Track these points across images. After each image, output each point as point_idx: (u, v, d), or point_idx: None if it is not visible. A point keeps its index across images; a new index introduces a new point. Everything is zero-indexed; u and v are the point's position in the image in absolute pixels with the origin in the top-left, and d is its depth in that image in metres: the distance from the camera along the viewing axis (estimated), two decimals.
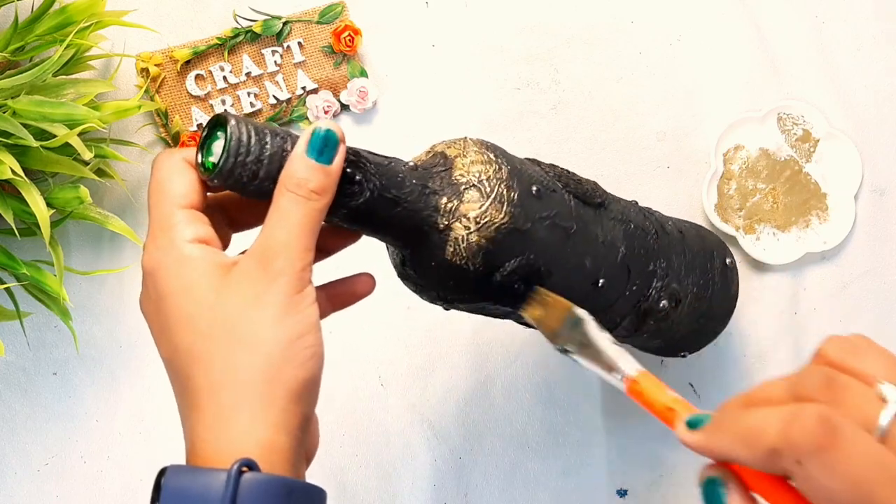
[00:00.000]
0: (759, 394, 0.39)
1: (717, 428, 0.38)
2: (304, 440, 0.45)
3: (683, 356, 0.68)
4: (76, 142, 0.62)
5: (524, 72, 0.76)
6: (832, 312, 0.76)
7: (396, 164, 0.48)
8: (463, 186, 0.49)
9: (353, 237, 0.52)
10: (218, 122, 0.45)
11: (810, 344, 0.76)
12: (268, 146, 0.44)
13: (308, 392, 0.44)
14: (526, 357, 0.75)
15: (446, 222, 0.48)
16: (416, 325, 0.75)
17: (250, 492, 0.40)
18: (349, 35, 0.73)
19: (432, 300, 0.53)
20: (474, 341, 0.75)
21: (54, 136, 0.62)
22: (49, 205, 0.64)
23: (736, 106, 0.76)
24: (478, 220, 0.48)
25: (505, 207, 0.49)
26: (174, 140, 0.73)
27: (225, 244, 0.48)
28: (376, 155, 0.48)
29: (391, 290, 0.74)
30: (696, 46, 0.76)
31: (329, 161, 0.45)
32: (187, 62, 0.73)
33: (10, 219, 0.63)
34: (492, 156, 0.50)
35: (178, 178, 0.46)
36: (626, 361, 0.46)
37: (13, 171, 0.60)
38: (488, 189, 0.49)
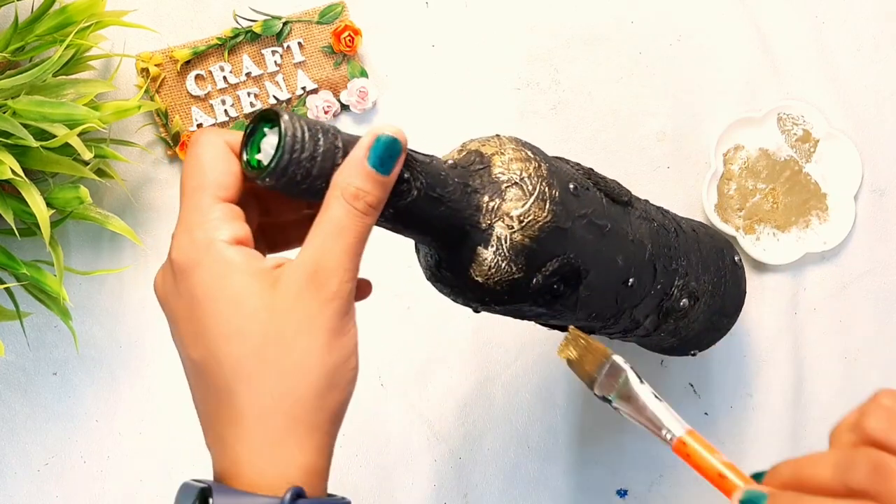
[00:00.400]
0: (808, 471, 0.39)
1: None
2: None
3: (693, 354, 0.68)
4: (76, 142, 0.62)
5: (524, 72, 0.76)
6: (832, 312, 0.76)
7: (437, 162, 0.47)
8: (504, 185, 0.48)
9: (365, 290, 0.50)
10: (265, 118, 0.42)
11: (810, 344, 0.76)
12: (321, 142, 0.42)
13: (344, 411, 0.44)
14: (526, 357, 0.75)
15: (489, 221, 0.47)
16: (415, 325, 0.75)
17: None
18: (349, 35, 0.73)
19: (467, 302, 0.51)
20: (474, 341, 0.75)
21: (54, 136, 0.62)
22: (49, 205, 0.64)
23: (736, 106, 0.76)
24: (521, 218, 0.47)
25: (548, 206, 0.48)
26: (174, 140, 0.73)
27: (253, 234, 0.46)
28: (417, 152, 0.46)
29: (391, 290, 0.75)
30: (696, 46, 0.76)
31: (388, 172, 0.42)
32: (187, 62, 0.73)
33: (10, 219, 0.63)
34: (530, 153, 0.49)
35: (221, 165, 0.43)
36: (672, 419, 0.45)
37: (13, 171, 0.60)
38: (530, 187, 0.48)
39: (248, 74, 0.74)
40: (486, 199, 0.47)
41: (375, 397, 0.74)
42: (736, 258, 0.67)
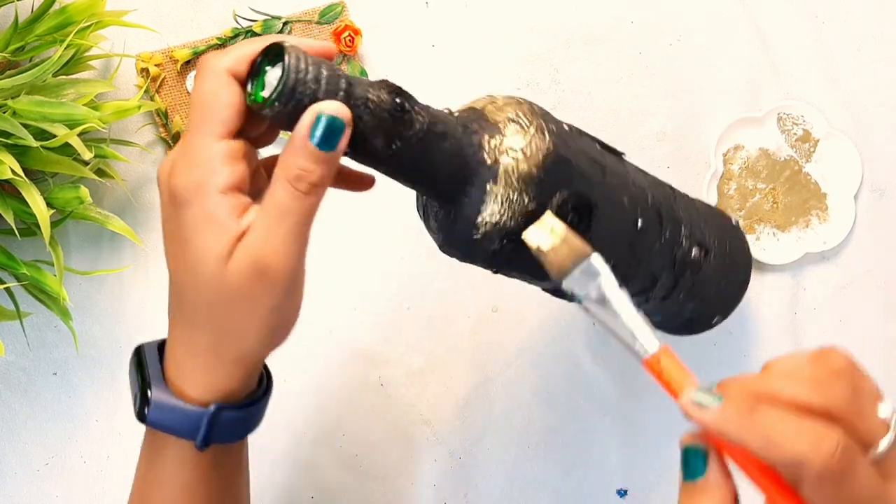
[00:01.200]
0: (777, 384, 0.39)
1: (738, 416, 0.38)
2: None
3: (715, 324, 0.67)
4: (76, 142, 0.62)
5: (524, 72, 0.76)
6: (832, 312, 0.76)
7: (434, 108, 0.48)
8: (502, 124, 0.49)
9: (368, 183, 0.51)
10: (267, 55, 0.43)
11: (810, 344, 0.76)
12: (323, 67, 0.43)
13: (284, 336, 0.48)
14: (526, 357, 0.75)
15: (494, 157, 0.48)
16: (415, 325, 0.75)
17: (220, 426, 0.47)
18: (349, 35, 0.73)
19: (484, 253, 0.50)
20: (474, 341, 0.75)
21: (54, 136, 0.62)
22: (49, 205, 0.64)
23: (736, 106, 0.76)
24: (525, 150, 0.48)
25: (548, 137, 0.49)
26: (174, 140, 0.73)
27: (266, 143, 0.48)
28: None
29: (391, 289, 0.75)
30: (696, 46, 0.76)
31: (333, 147, 0.43)
32: (187, 62, 0.73)
33: (10, 219, 0.63)
34: (521, 99, 0.51)
35: (222, 97, 0.43)
36: (648, 333, 0.43)
37: (13, 171, 0.60)
38: (526, 122, 0.49)
39: None
40: (486, 137, 0.49)
41: (375, 397, 0.74)
42: (734, 220, 0.68)
